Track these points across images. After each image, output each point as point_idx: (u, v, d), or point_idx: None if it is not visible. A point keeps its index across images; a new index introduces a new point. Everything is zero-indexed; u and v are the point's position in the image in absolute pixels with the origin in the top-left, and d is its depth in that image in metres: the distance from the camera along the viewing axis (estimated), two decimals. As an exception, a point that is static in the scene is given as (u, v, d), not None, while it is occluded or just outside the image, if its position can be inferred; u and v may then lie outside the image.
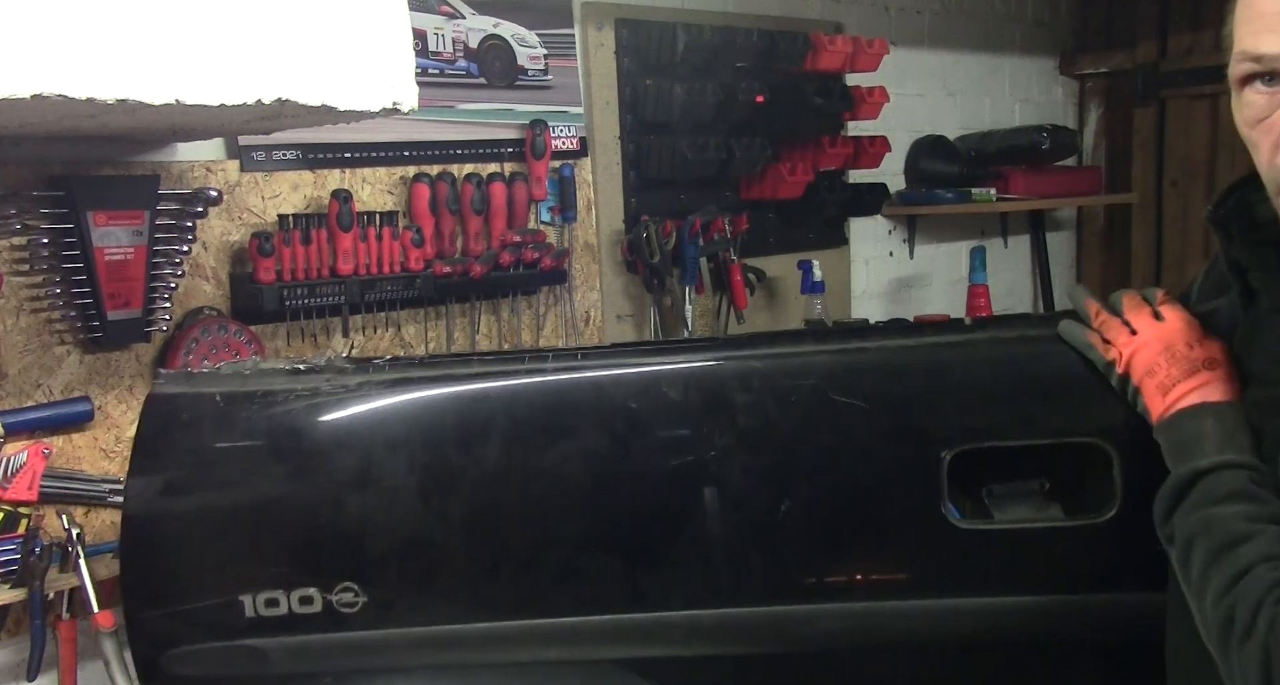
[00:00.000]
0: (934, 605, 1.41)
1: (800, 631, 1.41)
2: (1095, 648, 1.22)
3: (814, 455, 1.43)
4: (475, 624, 1.39)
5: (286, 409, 1.38)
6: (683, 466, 1.39)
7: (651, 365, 1.48)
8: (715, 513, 1.41)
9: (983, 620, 1.41)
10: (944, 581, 1.42)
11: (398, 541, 1.39)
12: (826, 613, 1.41)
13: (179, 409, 1.38)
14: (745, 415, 1.42)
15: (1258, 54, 1.00)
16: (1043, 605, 1.40)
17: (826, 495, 1.42)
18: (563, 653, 1.41)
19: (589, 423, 1.43)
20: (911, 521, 1.40)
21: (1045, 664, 1.42)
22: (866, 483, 1.43)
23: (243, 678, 1.39)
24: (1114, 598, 1.27)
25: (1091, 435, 1.37)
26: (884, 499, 1.43)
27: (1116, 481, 1.33)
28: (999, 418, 1.45)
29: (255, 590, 1.35)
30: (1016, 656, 1.43)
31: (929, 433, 1.41)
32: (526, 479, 1.41)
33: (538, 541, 1.41)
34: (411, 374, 1.45)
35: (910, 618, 1.41)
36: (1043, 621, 1.40)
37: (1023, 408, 1.45)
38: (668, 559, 1.42)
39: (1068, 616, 1.39)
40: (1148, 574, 1.23)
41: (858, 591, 1.45)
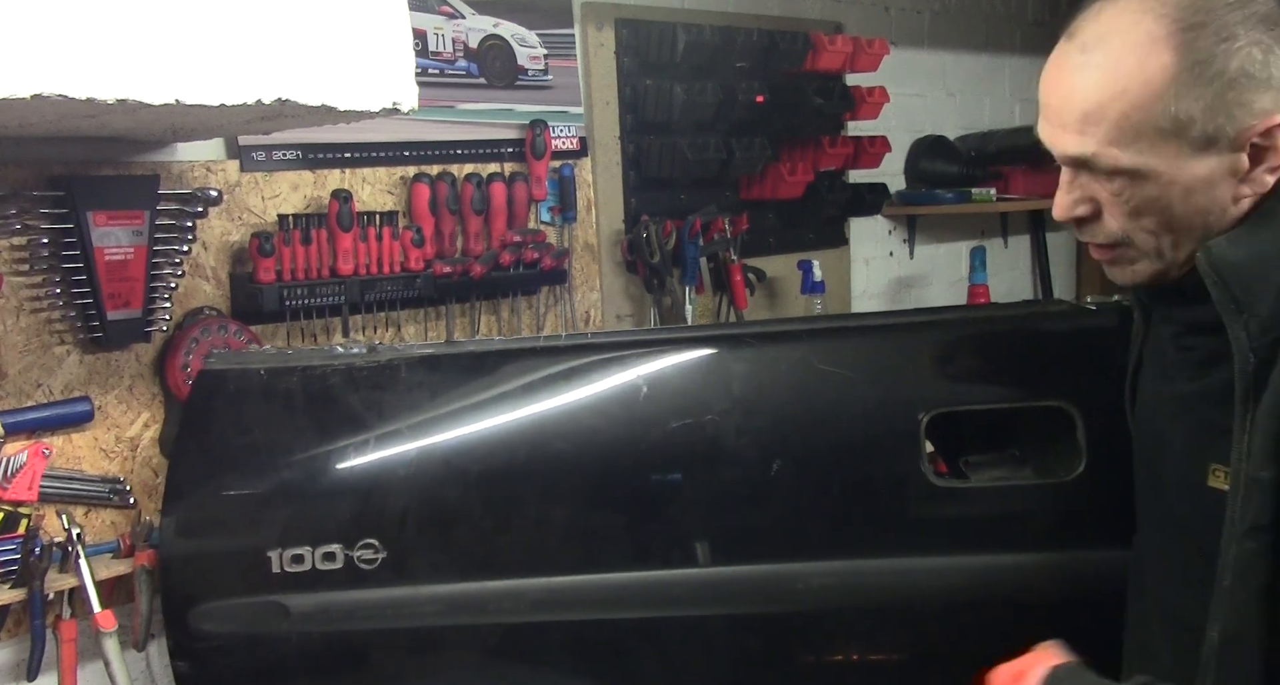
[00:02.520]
0: (915, 563, 1.54)
1: (791, 589, 1.52)
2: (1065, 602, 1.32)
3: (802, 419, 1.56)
4: (488, 583, 1.50)
5: (323, 380, 1.54)
6: (682, 430, 1.50)
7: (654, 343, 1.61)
8: (714, 475, 1.54)
9: (961, 577, 1.53)
10: (924, 540, 1.54)
11: (418, 500, 1.50)
12: (815, 571, 1.53)
13: (227, 381, 1.55)
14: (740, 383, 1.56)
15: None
16: (1017, 562, 1.52)
17: (815, 456, 1.54)
18: (568, 612, 1.50)
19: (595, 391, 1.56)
20: (893, 481, 1.52)
21: (1018, 618, 1.50)
22: (851, 444, 1.56)
23: (266, 634, 1.48)
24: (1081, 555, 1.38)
25: (1056, 399, 1.51)
26: (867, 459, 1.57)
27: (1081, 443, 1.46)
28: (970, 384, 1.61)
29: (283, 546, 1.48)
30: (993, 611, 1.53)
31: (907, 397, 1.55)
32: (538, 443, 1.53)
33: (548, 502, 1.53)
34: (434, 351, 1.59)
35: (893, 575, 1.53)
36: (1016, 577, 1.52)
37: (992, 375, 1.60)
38: (669, 519, 1.53)
39: (1039, 572, 1.51)
40: (1112, 530, 1.32)
41: (845, 549, 1.60)
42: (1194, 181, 1.06)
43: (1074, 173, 1.13)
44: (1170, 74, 1.03)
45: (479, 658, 1.54)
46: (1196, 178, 1.06)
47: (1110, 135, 1.06)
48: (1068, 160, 1.12)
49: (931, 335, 1.64)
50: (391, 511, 1.49)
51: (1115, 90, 1.05)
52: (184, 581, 1.50)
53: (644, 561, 1.53)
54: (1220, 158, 1.05)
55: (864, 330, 1.71)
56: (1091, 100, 1.07)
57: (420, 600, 1.49)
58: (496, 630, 1.52)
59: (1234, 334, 1.09)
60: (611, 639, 1.54)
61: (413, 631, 1.50)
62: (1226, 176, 1.06)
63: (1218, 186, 1.07)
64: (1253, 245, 1.08)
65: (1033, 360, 1.61)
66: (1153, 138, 1.05)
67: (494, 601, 1.50)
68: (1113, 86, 1.05)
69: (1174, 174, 1.06)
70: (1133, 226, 1.11)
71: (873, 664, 1.57)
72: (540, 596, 1.50)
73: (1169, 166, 1.06)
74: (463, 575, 1.50)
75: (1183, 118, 1.03)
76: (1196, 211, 1.08)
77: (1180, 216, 1.08)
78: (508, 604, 1.50)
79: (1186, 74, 1.02)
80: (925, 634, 1.56)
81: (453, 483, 1.51)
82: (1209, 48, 1.02)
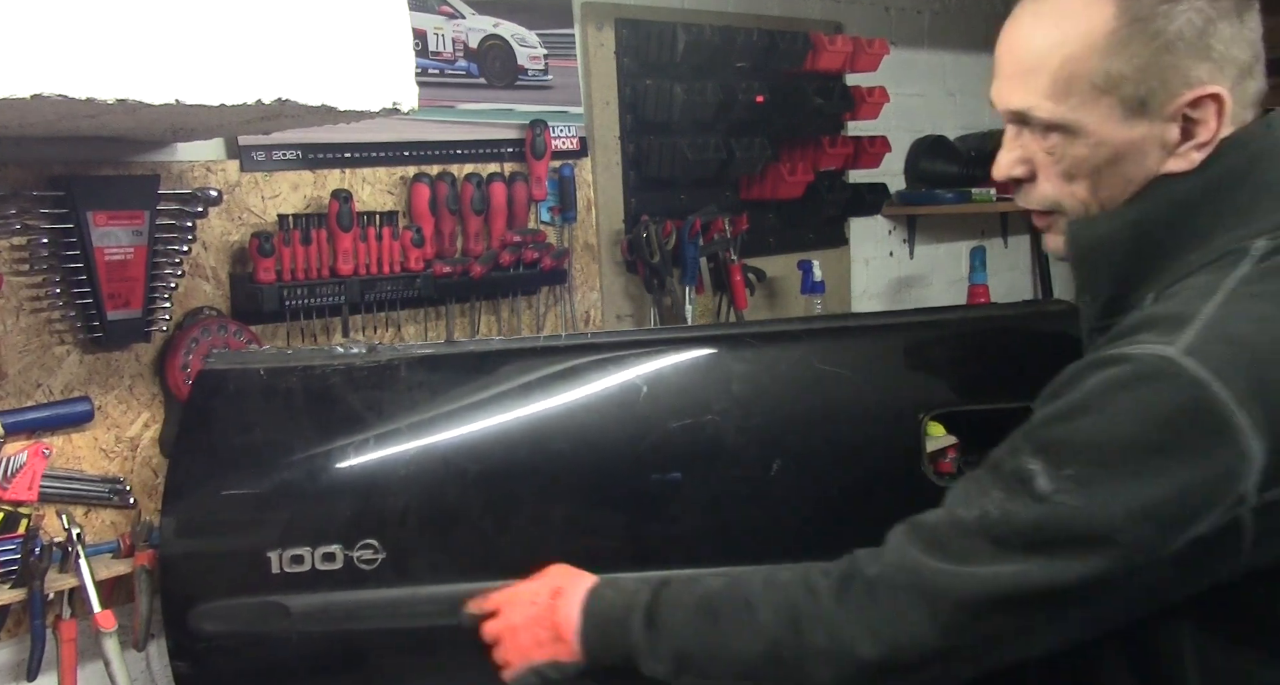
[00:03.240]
0: None
1: None
2: None
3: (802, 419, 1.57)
4: (487, 582, 1.48)
5: (323, 380, 1.54)
6: (682, 430, 1.50)
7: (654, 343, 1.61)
8: (713, 474, 1.54)
9: None
10: None
11: (418, 501, 1.49)
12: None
13: (226, 381, 1.54)
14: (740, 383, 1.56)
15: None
16: None
17: (815, 456, 1.55)
18: None
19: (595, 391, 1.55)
20: (893, 481, 1.52)
21: None
22: (851, 444, 1.56)
23: (266, 635, 1.48)
24: None
25: None
26: (868, 459, 1.57)
27: None
28: (971, 384, 1.60)
29: (282, 546, 1.47)
30: None
31: (907, 397, 1.55)
32: (538, 442, 1.53)
33: (549, 502, 1.52)
34: (434, 351, 1.60)
35: None
36: None
37: (992, 375, 1.60)
38: (669, 519, 1.54)
39: None
40: None
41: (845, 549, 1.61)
42: (1123, 146, 1.06)
43: (1016, 130, 1.13)
44: (1109, 28, 1.03)
45: (479, 658, 1.53)
46: (1125, 142, 1.06)
47: (1046, 87, 1.06)
48: (1009, 114, 1.12)
49: (931, 335, 1.64)
50: (391, 512, 1.49)
51: (1055, 41, 1.06)
52: (183, 582, 1.50)
53: (644, 561, 1.53)
54: (1151, 125, 1.05)
55: (864, 330, 1.71)
56: (1034, 52, 1.08)
57: (420, 600, 1.49)
58: None
59: (1083, 313, 1.13)
60: None
61: (413, 632, 1.50)
62: (1156, 147, 1.06)
63: (1147, 157, 1.06)
64: (1111, 225, 1.09)
65: (1033, 360, 1.60)
66: (1086, 93, 1.05)
67: None
68: (1055, 37, 1.06)
69: (1104, 134, 1.05)
70: (1065, 191, 1.11)
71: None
72: None
73: (1100, 126, 1.05)
74: (463, 575, 1.50)
75: (1115, 75, 1.03)
76: (1123, 180, 1.08)
77: (1107, 183, 1.08)
78: None
79: (1125, 30, 1.03)
80: None
81: (452, 483, 1.51)
82: (1151, 6, 1.02)
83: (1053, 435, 1.00)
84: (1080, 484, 0.95)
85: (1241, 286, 1.00)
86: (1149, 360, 0.96)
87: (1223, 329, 0.96)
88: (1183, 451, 0.93)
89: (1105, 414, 0.96)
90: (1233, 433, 0.92)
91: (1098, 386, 0.98)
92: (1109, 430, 0.96)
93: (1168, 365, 0.94)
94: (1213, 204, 1.06)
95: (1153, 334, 0.98)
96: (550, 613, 1.26)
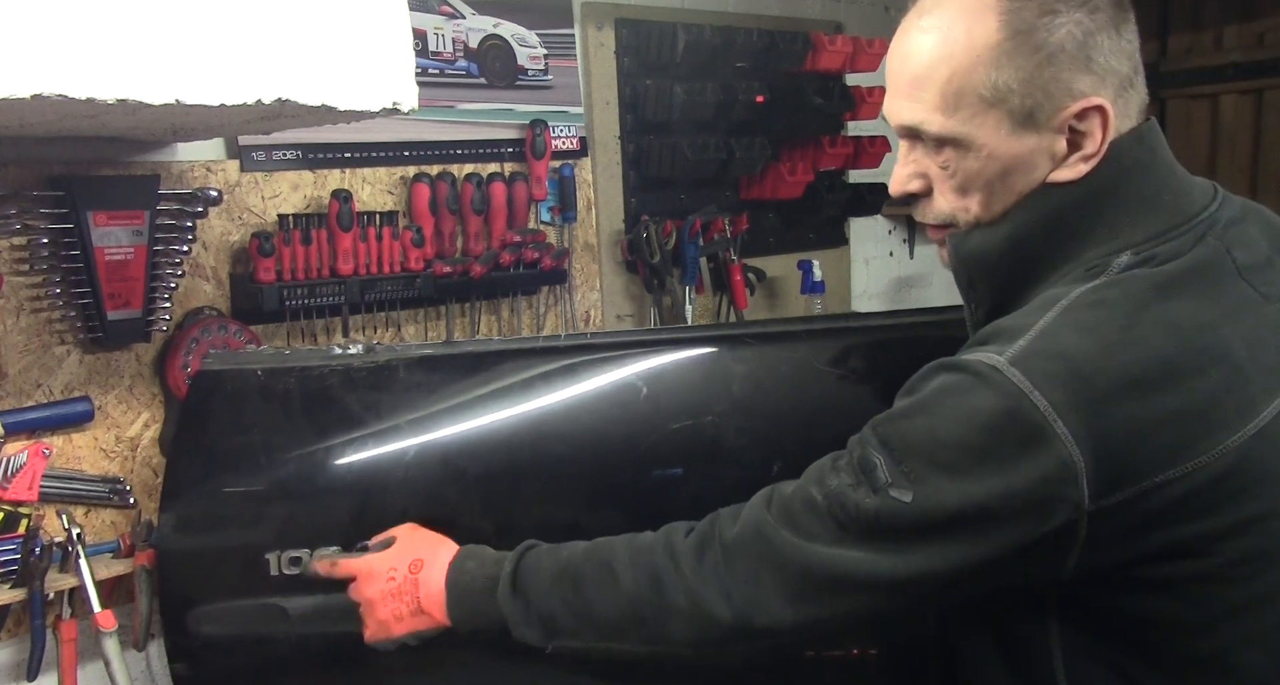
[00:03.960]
0: None
1: None
2: None
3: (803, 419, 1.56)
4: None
5: (321, 381, 1.54)
6: (682, 431, 1.51)
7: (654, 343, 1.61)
8: (713, 474, 1.54)
9: None
10: None
11: (417, 502, 1.49)
12: None
13: (224, 382, 1.53)
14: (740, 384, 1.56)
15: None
16: None
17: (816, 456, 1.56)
18: None
19: (595, 391, 1.56)
20: None
21: None
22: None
23: (264, 637, 1.48)
24: None
25: None
26: None
27: None
28: None
29: (281, 548, 1.47)
30: None
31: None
32: (538, 443, 1.53)
33: (548, 503, 1.52)
34: (433, 352, 1.59)
35: None
36: None
37: None
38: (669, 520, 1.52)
39: None
40: None
41: None
42: (1013, 159, 1.07)
43: (909, 146, 1.15)
44: (993, 41, 1.04)
45: (479, 658, 1.53)
46: (1015, 155, 1.07)
47: (935, 101, 1.08)
48: (901, 130, 1.14)
49: (932, 335, 1.64)
50: (390, 513, 1.48)
51: (943, 54, 1.07)
52: (182, 583, 1.50)
53: None
54: (1040, 137, 1.06)
55: (864, 330, 1.71)
56: (922, 65, 1.09)
57: None
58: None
59: (969, 321, 1.17)
60: None
61: None
62: (1045, 159, 1.07)
63: (1036, 168, 1.07)
64: (986, 239, 1.11)
65: None
66: (975, 106, 1.06)
67: None
68: (941, 51, 1.07)
69: (994, 147, 1.07)
70: (958, 205, 1.12)
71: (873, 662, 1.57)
72: None
73: (989, 138, 1.06)
74: None
75: (1002, 87, 1.04)
76: (1014, 193, 1.09)
77: (1000, 196, 1.10)
78: None
79: (1009, 42, 1.04)
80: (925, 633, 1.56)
81: (451, 484, 1.51)
82: (1032, 19, 1.04)
83: (896, 430, 1.05)
84: (913, 481, 1.01)
85: (1084, 296, 1.03)
86: (979, 368, 1.00)
87: (1050, 340, 1.00)
88: (1002, 456, 0.98)
89: (938, 416, 1.02)
90: (1050, 441, 0.96)
91: (936, 389, 1.04)
92: (940, 432, 1.01)
93: (993, 374, 0.99)
94: (1086, 218, 1.08)
95: (993, 344, 1.03)
96: (412, 588, 1.28)
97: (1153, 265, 1.04)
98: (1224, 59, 3.61)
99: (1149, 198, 1.08)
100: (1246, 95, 3.57)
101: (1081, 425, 0.95)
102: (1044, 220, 1.08)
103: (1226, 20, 3.67)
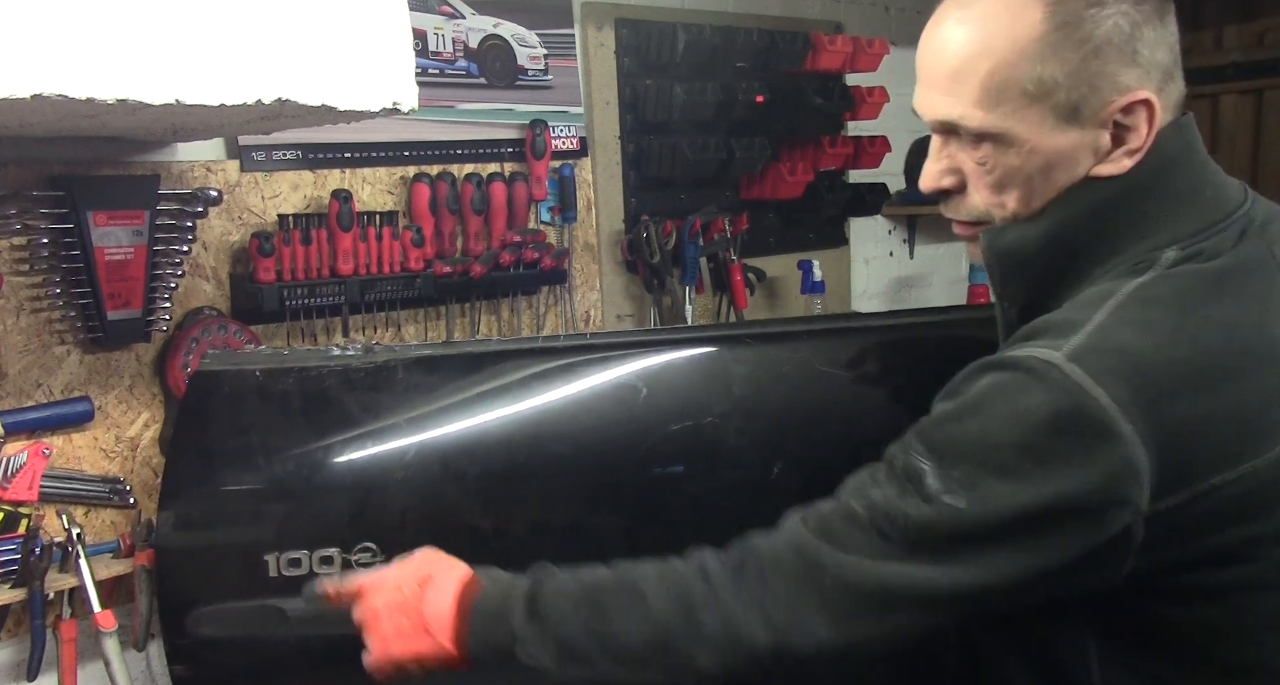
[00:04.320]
0: None
1: None
2: None
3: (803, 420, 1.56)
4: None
5: (320, 382, 1.53)
6: (682, 431, 1.51)
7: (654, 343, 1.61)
8: (713, 475, 1.53)
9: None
10: None
11: (416, 503, 1.49)
12: None
13: (222, 383, 1.53)
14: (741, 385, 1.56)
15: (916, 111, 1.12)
16: None
17: (815, 457, 1.53)
18: None
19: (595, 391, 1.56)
20: None
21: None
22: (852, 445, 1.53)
23: (263, 638, 1.48)
24: None
25: None
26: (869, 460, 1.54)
27: None
28: None
29: (280, 549, 1.46)
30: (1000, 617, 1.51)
31: (908, 398, 1.51)
32: (538, 444, 1.52)
33: (548, 504, 1.52)
34: (431, 352, 1.59)
35: None
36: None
37: None
38: (669, 520, 1.53)
39: None
40: None
41: None
42: (1056, 155, 1.03)
43: (943, 141, 1.10)
44: (1038, 33, 1.01)
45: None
46: (1058, 150, 1.03)
47: (975, 95, 1.03)
48: (936, 125, 1.09)
49: (932, 335, 1.64)
50: (389, 514, 1.48)
51: (984, 48, 1.03)
52: (181, 585, 1.50)
53: None
54: (1083, 132, 1.03)
55: (864, 330, 1.70)
56: (961, 58, 1.04)
57: None
58: None
59: (1000, 321, 1.12)
60: None
61: None
62: (1088, 154, 1.04)
63: (1079, 164, 1.04)
64: (1022, 236, 1.07)
65: None
66: (1018, 101, 1.02)
67: None
68: (982, 44, 1.03)
69: (1037, 142, 1.03)
70: (994, 201, 1.08)
71: (872, 664, 1.57)
72: None
73: (1032, 133, 1.03)
74: None
75: (1047, 81, 1.01)
76: (1055, 189, 1.05)
77: (1040, 192, 1.06)
78: None
79: (1054, 35, 1.00)
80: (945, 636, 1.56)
81: (451, 485, 1.51)
82: (1078, 11, 1.00)
83: (943, 435, 0.99)
84: (966, 486, 0.95)
85: (1137, 292, 1.00)
86: (1033, 365, 0.95)
87: (1107, 336, 0.96)
88: (1064, 456, 0.93)
89: (991, 417, 0.96)
90: (1115, 439, 0.91)
91: (986, 389, 0.98)
92: (994, 433, 0.96)
93: (1050, 370, 0.94)
94: (1128, 213, 1.05)
95: (1044, 339, 0.98)
96: (416, 602, 1.19)
97: (1200, 261, 1.01)
98: (1224, 59, 3.62)
99: (1190, 192, 1.05)
100: (1246, 95, 3.57)
101: (1145, 423, 0.91)
102: (1086, 215, 1.05)
103: (1226, 20, 3.68)
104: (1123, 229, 1.05)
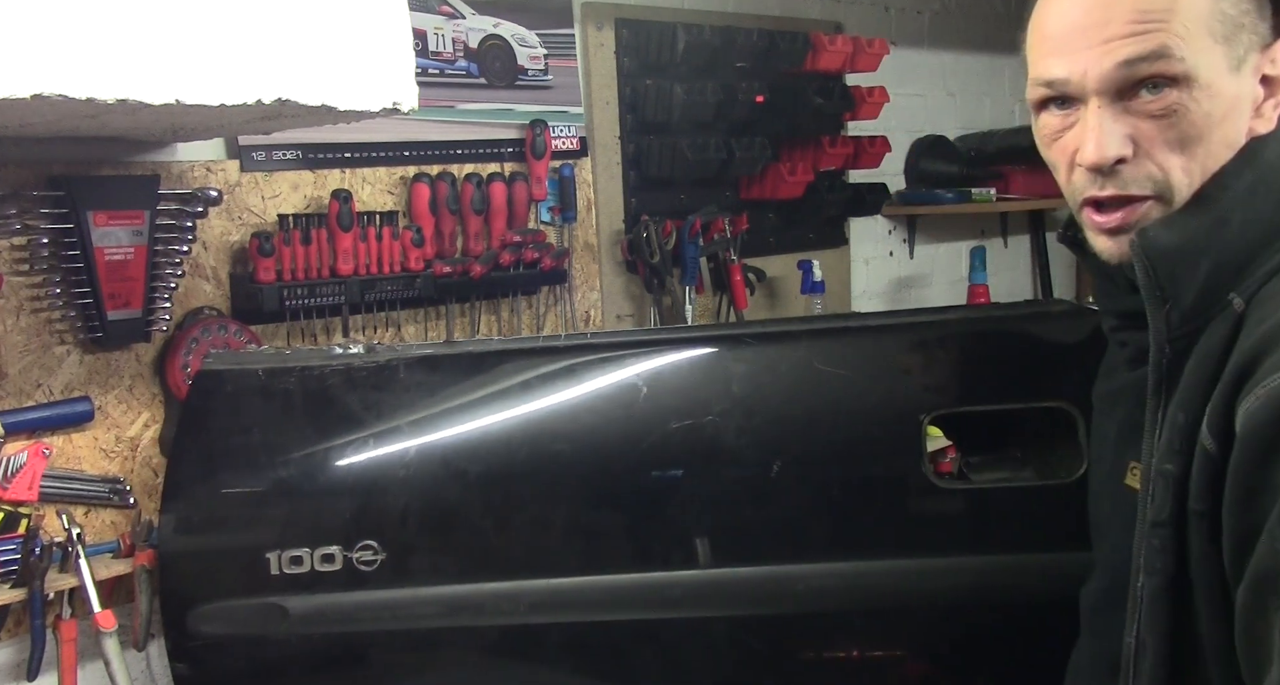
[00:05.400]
0: (916, 565, 1.54)
1: (792, 590, 1.52)
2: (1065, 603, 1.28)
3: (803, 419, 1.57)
4: (487, 584, 1.47)
5: (321, 381, 1.54)
6: (682, 431, 1.51)
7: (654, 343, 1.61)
8: (713, 475, 1.54)
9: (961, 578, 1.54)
10: (925, 541, 1.55)
11: (417, 502, 1.50)
12: (816, 573, 1.55)
13: (224, 382, 1.54)
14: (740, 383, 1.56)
15: (1048, 79, 1.02)
16: (1017, 563, 1.52)
17: (815, 456, 1.55)
18: (568, 614, 1.50)
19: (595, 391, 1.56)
20: (893, 482, 1.52)
21: (1018, 619, 1.51)
22: (852, 444, 1.56)
23: (265, 636, 1.48)
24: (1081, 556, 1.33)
25: (1057, 400, 1.52)
26: (868, 460, 1.57)
27: (1082, 444, 1.45)
28: (971, 385, 1.60)
29: (281, 547, 1.47)
30: (993, 612, 1.54)
31: (908, 398, 1.55)
32: (538, 443, 1.53)
33: (549, 503, 1.53)
34: (433, 352, 1.59)
35: (894, 576, 1.54)
36: (1016, 579, 1.52)
37: (993, 376, 1.61)
38: (669, 520, 1.54)
39: (1039, 574, 1.50)
40: None
41: (845, 551, 1.59)
42: (1228, 105, 0.96)
43: (1111, 105, 0.98)
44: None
45: (478, 659, 1.53)
46: (1234, 97, 0.97)
47: (1175, 28, 0.94)
48: (1113, 78, 0.97)
49: (932, 335, 1.64)
50: (390, 513, 1.48)
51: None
52: (182, 583, 1.50)
53: (644, 563, 1.53)
54: (1241, 80, 0.97)
55: (864, 330, 1.70)
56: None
57: (419, 602, 1.49)
58: (496, 632, 1.52)
59: (1155, 325, 1.01)
60: (611, 641, 1.54)
61: (412, 633, 1.50)
62: (1249, 105, 0.98)
63: (1241, 117, 0.98)
64: (1186, 229, 0.98)
65: (1033, 360, 1.61)
66: (1204, 39, 0.95)
67: (493, 603, 1.50)
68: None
69: (1219, 87, 0.96)
70: (1174, 163, 0.98)
71: (873, 665, 1.57)
72: (540, 598, 1.50)
73: (1216, 77, 0.95)
74: (462, 577, 1.50)
75: (1230, 20, 0.95)
76: (1226, 147, 0.98)
77: (1215, 151, 0.98)
78: (507, 605, 1.50)
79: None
80: (926, 635, 1.56)
81: (452, 484, 1.51)
82: None
83: None
84: None
85: None
86: None
87: None
88: None
89: None
90: None
91: None
92: None
93: None
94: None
95: None
96: None
97: None
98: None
99: None
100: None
101: None
102: (1253, 185, 0.97)
103: None
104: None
